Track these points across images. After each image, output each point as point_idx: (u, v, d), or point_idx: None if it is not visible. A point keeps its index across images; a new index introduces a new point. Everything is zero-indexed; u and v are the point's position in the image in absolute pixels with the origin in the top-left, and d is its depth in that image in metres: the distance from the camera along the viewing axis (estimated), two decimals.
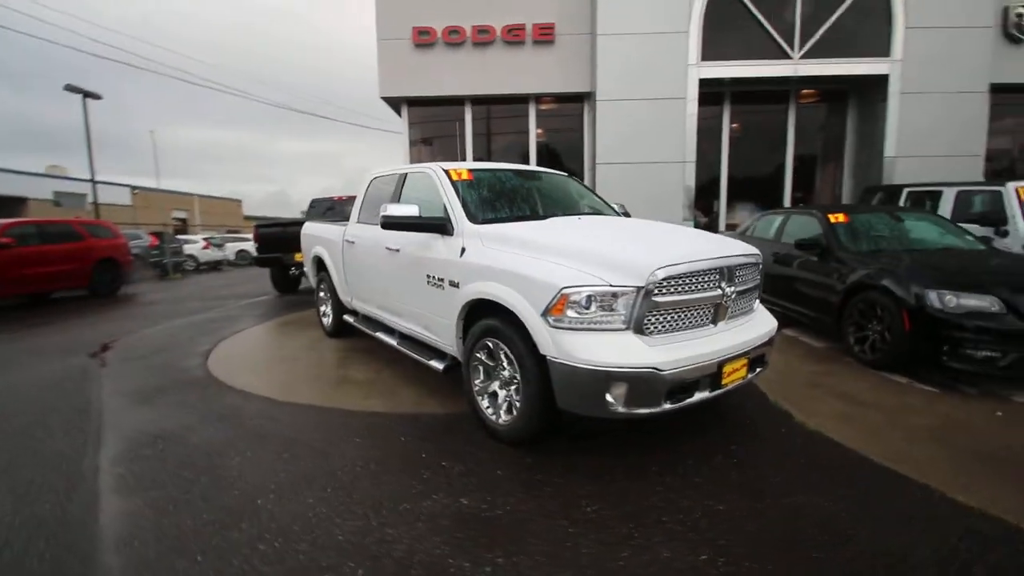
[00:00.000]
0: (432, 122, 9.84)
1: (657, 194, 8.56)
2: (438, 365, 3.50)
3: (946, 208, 6.20)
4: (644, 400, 2.44)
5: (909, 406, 3.43)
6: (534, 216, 3.71)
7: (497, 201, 3.74)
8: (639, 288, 2.46)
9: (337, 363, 4.67)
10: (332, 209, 9.67)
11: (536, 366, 2.64)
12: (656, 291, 2.49)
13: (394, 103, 9.60)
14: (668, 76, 8.56)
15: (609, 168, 8.72)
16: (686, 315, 2.66)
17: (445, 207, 3.48)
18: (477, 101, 9.54)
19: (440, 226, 3.39)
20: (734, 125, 9.57)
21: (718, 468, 2.63)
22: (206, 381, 4.32)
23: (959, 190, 6.16)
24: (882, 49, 8.49)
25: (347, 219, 5.05)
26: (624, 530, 2.09)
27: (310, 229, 6.05)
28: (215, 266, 19.52)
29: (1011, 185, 5.54)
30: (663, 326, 2.58)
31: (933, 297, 3.75)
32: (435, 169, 3.78)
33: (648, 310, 2.50)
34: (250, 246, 24.16)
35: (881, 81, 8.60)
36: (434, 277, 3.40)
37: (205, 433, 3.18)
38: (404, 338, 4.08)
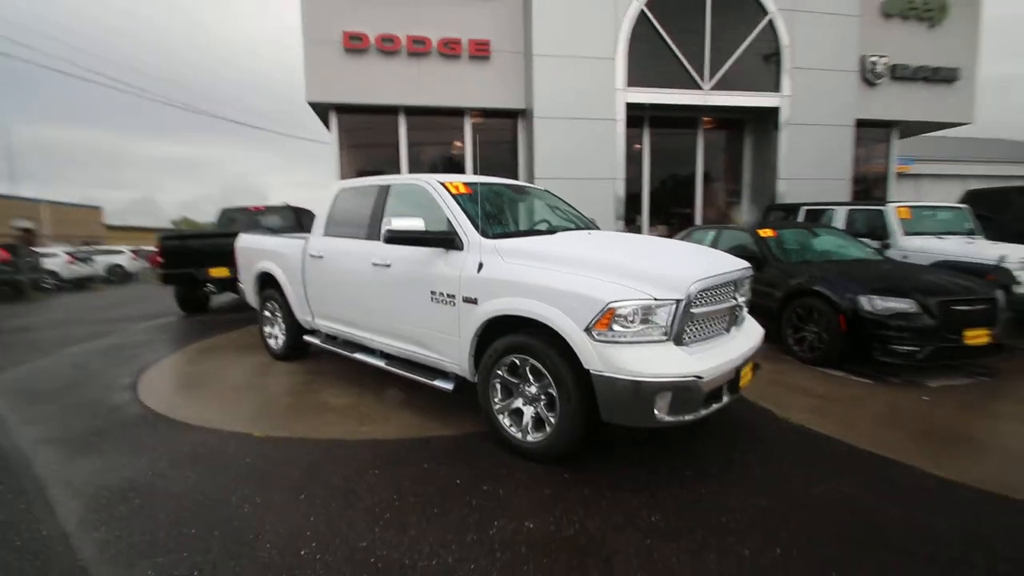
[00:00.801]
0: (364, 130, 9.42)
1: (591, 209, 8.94)
2: (445, 385, 3.36)
3: (838, 224, 7.26)
4: (687, 407, 2.56)
5: (858, 397, 3.97)
6: (534, 231, 3.73)
7: (500, 215, 3.71)
8: (678, 301, 2.59)
9: (304, 389, 4.27)
10: (253, 220, 8.87)
11: (576, 381, 2.66)
12: (693, 303, 2.64)
13: (321, 109, 9.04)
14: (599, 98, 9.07)
15: (548, 183, 8.94)
16: (712, 324, 2.85)
17: (449, 221, 3.37)
18: (412, 111, 9.32)
19: (448, 240, 3.28)
20: (637, 146, 10.37)
21: (743, 467, 2.83)
22: (150, 418, 3.73)
23: (849, 209, 7.25)
24: (774, 85, 9.76)
25: (294, 231, 4.66)
26: (698, 535, 2.18)
27: (251, 242, 5.49)
28: (82, 284, 16.74)
29: (891, 206, 6.66)
30: (696, 335, 2.75)
31: (864, 301, 4.38)
32: (431, 182, 3.66)
33: (687, 322, 2.64)
34: (126, 259, 21.28)
35: (773, 113, 9.87)
36: (442, 293, 3.27)
37: (186, 479, 2.74)
38: (390, 358, 3.85)
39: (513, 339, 2.91)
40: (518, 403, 3.01)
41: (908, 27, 10.86)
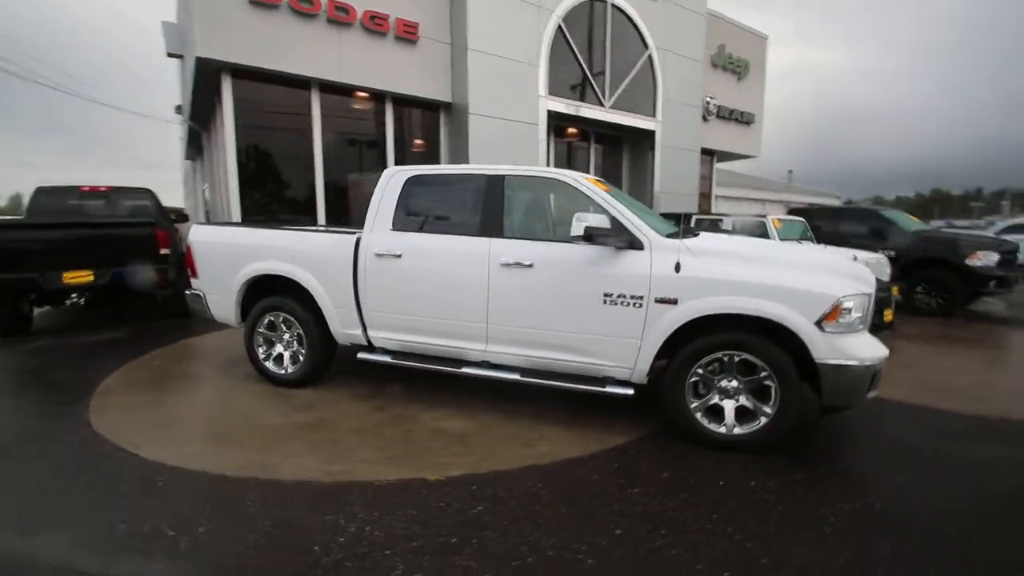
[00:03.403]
0: (265, 103, 7.74)
1: None
2: (624, 391, 3.20)
3: (727, 229, 8.92)
4: (876, 385, 3.03)
5: None
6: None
7: (643, 213, 3.65)
8: (870, 294, 3.05)
9: (390, 421, 3.49)
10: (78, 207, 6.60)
11: (796, 371, 2.89)
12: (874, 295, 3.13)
13: (212, 69, 7.12)
14: (525, 102, 9.26)
15: None
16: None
17: (616, 220, 3.22)
18: (327, 88, 8.05)
19: (630, 240, 3.14)
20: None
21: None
22: (189, 475, 2.62)
23: (734, 219, 8.96)
24: (652, 111, 11.37)
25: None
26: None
27: (229, 237, 4.17)
28: None
29: (770, 217, 8.49)
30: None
31: None
32: (576, 177, 3.43)
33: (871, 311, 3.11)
34: None
35: (650, 135, 11.49)
36: (623, 295, 3.12)
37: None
38: (524, 371, 3.45)
39: (723, 336, 2.99)
40: (715, 399, 3.09)
41: (726, 77, 13.82)
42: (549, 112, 9.64)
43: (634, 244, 3.15)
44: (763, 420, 2.99)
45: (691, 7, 11.73)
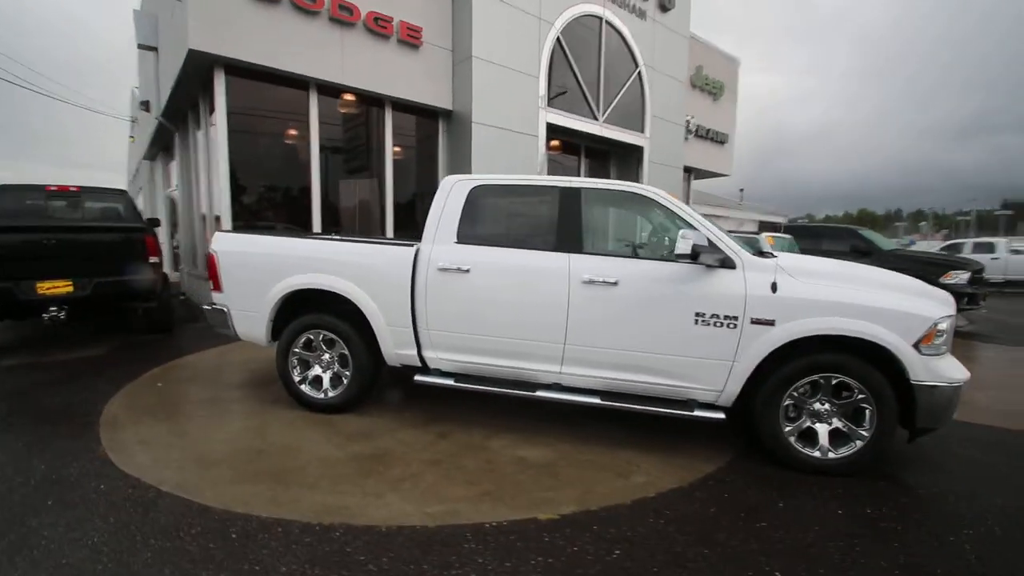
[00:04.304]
0: (258, 103, 7.21)
1: None
2: (715, 415, 3.07)
3: None
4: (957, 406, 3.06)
5: None
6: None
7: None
8: (954, 315, 3.08)
9: (462, 450, 3.21)
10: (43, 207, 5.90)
11: (894, 393, 2.87)
12: None
13: (203, 64, 6.56)
14: (527, 113, 9.15)
15: None
16: None
17: (707, 238, 3.12)
18: (326, 89, 7.61)
19: (722, 259, 3.05)
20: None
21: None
22: (264, 525, 2.28)
23: (734, 235, 9.18)
24: (640, 127, 11.55)
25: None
26: None
27: (261, 247, 3.78)
28: None
29: (764, 234, 8.75)
30: None
31: None
32: (660, 193, 3.34)
33: None
34: None
35: (639, 150, 11.66)
36: (716, 315, 3.01)
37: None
38: (604, 395, 3.27)
39: (823, 358, 2.93)
40: (807, 423, 3.03)
41: (703, 98, 14.29)
42: (548, 125, 9.58)
43: (726, 263, 3.06)
44: (859, 443, 2.95)
45: (676, 28, 12.07)
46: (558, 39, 9.55)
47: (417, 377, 3.49)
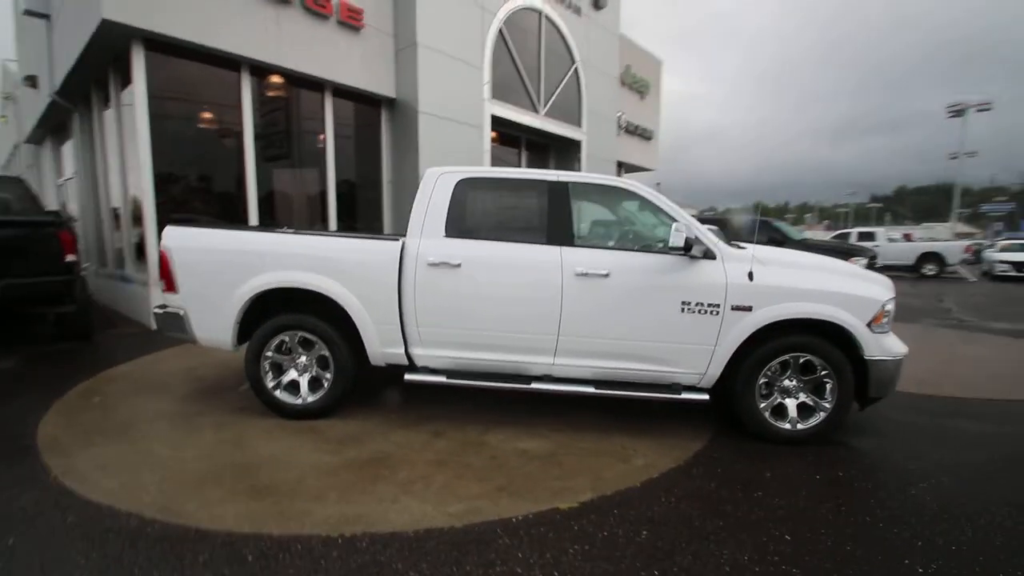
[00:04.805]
0: (187, 83, 6.49)
1: None
2: (699, 397, 3.28)
3: None
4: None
5: None
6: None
7: None
8: (895, 297, 3.51)
9: (462, 448, 3.18)
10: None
11: (852, 369, 3.23)
12: None
13: (118, 37, 5.78)
14: (471, 104, 9.04)
15: None
16: None
17: (693, 232, 3.30)
18: (260, 71, 7.02)
19: (704, 250, 3.24)
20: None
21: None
22: (282, 544, 2.17)
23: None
24: (578, 122, 11.84)
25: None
26: None
27: (241, 242, 3.47)
28: None
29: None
30: None
31: None
32: (643, 187, 3.45)
33: None
34: None
35: (576, 144, 11.96)
36: (700, 303, 3.21)
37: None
38: (598, 384, 3.36)
39: (793, 339, 3.22)
40: (779, 399, 3.33)
41: (631, 95, 14.91)
42: (492, 117, 9.54)
43: (707, 254, 3.26)
44: (822, 415, 3.28)
45: (607, 26, 12.47)
46: (500, 30, 9.51)
47: (408, 376, 3.39)
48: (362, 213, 8.81)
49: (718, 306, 3.20)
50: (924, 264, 16.50)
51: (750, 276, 3.21)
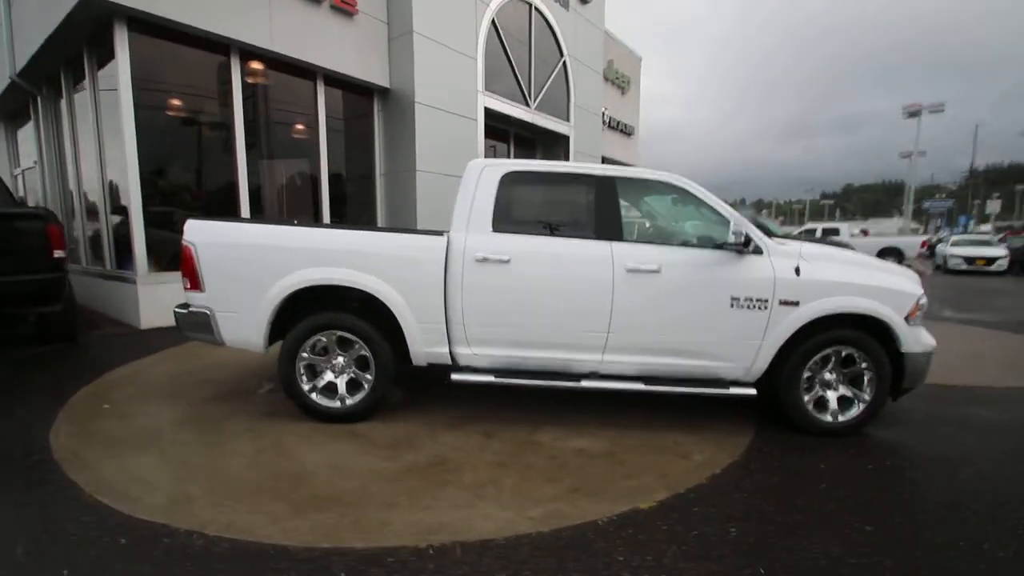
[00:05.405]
0: (173, 68, 6.06)
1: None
2: (747, 391, 3.31)
3: None
4: None
5: None
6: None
7: None
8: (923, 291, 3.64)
9: (519, 448, 3.10)
10: None
11: (890, 361, 3.33)
12: None
13: (99, 14, 5.32)
14: (465, 95, 8.86)
15: (429, 177, 8.16)
16: None
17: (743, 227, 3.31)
18: (251, 56, 6.64)
19: (753, 246, 3.26)
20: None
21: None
22: (373, 559, 2.07)
23: None
24: (566, 116, 11.81)
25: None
26: None
27: (275, 238, 3.25)
28: None
29: None
30: None
31: None
32: (689, 182, 3.42)
33: None
34: None
35: (565, 138, 11.93)
36: (749, 298, 3.23)
37: None
38: (647, 380, 3.34)
39: (840, 333, 3.29)
40: (821, 391, 3.40)
41: (613, 91, 15.01)
42: (485, 109, 9.39)
43: (756, 250, 3.29)
44: (861, 406, 3.38)
45: (593, 21, 12.47)
46: (493, 21, 9.36)
47: (454, 376, 3.27)
48: (354, 205, 8.52)
49: (766, 301, 3.22)
50: (883, 258, 17.35)
51: (797, 271, 3.25)
